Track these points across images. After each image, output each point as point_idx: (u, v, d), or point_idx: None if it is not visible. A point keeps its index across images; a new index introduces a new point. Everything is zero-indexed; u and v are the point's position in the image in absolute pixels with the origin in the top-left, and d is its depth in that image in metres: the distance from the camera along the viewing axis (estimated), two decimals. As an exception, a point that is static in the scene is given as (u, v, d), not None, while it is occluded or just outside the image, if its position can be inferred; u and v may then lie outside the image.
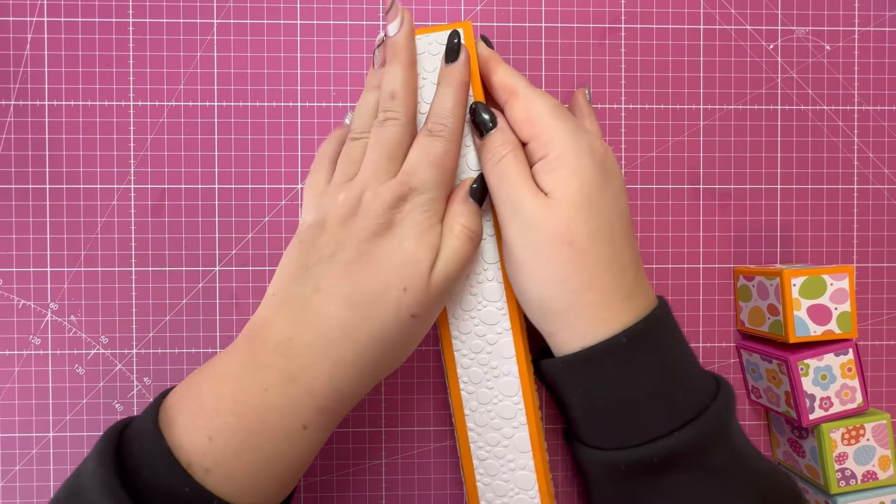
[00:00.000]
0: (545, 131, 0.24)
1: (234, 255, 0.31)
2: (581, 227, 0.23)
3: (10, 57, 0.31)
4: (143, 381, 0.31)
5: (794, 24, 0.32)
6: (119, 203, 0.31)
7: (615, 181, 0.25)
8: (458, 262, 0.24)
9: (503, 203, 0.24)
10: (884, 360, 0.33)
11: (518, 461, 0.27)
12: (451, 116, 0.25)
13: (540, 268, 0.23)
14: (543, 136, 0.24)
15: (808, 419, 0.28)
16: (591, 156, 0.24)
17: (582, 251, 0.23)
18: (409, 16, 0.26)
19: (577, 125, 0.25)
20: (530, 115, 0.25)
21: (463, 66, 0.26)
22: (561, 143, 0.24)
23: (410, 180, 0.23)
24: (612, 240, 0.24)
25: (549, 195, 0.24)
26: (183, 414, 0.21)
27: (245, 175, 0.31)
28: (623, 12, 0.32)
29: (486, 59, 0.27)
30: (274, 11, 0.31)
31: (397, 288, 0.22)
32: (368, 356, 0.22)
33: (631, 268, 0.24)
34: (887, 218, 0.33)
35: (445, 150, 0.24)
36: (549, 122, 0.24)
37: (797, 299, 0.28)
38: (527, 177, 0.24)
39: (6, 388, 0.31)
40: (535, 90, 0.26)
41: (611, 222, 0.24)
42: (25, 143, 0.31)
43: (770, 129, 0.32)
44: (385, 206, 0.23)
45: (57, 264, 0.31)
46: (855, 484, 0.28)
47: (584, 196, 0.23)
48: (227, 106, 0.31)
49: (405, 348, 0.24)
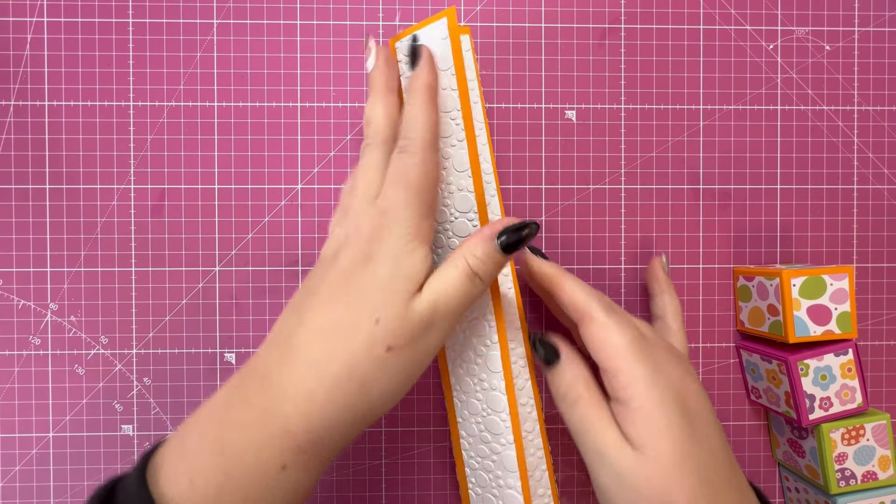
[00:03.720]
0: (623, 372, 0.23)
1: (234, 255, 0.31)
2: (680, 488, 0.22)
3: (10, 57, 0.31)
4: (143, 381, 0.31)
5: (794, 24, 0.32)
6: (119, 203, 0.31)
7: (707, 426, 0.23)
8: (451, 295, 0.22)
9: (588, 450, 0.23)
10: (884, 360, 0.33)
11: (507, 480, 0.26)
12: (416, 127, 0.23)
13: None
14: (622, 378, 0.23)
15: (807, 419, 0.28)
16: (677, 407, 0.22)
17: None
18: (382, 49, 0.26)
19: (657, 367, 0.23)
20: (607, 347, 0.23)
21: (423, 70, 0.24)
22: (643, 392, 0.22)
23: (384, 205, 0.23)
24: (713, 491, 0.22)
25: (638, 449, 0.22)
26: (168, 459, 0.21)
27: (245, 175, 0.31)
28: (623, 12, 0.32)
29: (551, 276, 0.25)
30: (274, 11, 0.31)
31: (369, 320, 0.21)
32: (341, 393, 0.21)
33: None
34: (887, 218, 0.33)
35: (411, 166, 0.23)
36: (628, 360, 0.23)
37: (797, 299, 0.28)
38: (610, 422, 0.23)
39: (6, 388, 0.31)
40: (611, 316, 0.24)
41: (709, 476, 0.22)
42: (25, 143, 0.31)
43: (770, 129, 0.32)
44: (364, 238, 0.22)
45: (57, 264, 0.31)
46: (855, 484, 0.28)
47: (678, 454, 0.22)
48: (227, 106, 0.31)
49: (385, 387, 0.21)
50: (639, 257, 0.32)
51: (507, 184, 0.32)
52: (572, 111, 0.32)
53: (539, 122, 0.32)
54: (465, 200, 0.25)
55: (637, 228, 0.32)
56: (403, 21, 0.32)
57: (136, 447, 0.31)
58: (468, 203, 0.25)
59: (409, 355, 0.22)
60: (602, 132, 0.32)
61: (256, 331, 0.31)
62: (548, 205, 0.32)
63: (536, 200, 0.32)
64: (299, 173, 0.32)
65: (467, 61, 0.26)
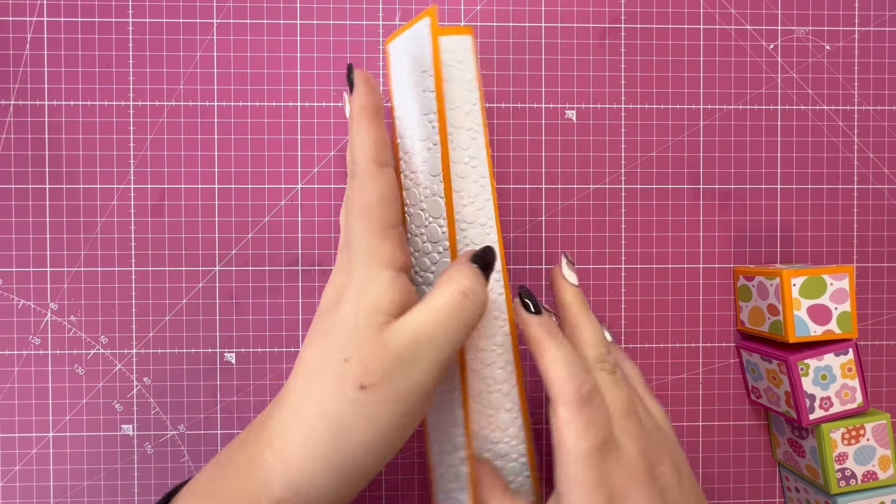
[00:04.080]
0: (568, 483, 0.21)
1: (234, 255, 0.31)
2: None
3: (10, 57, 0.31)
4: (142, 381, 0.31)
5: (794, 24, 0.32)
6: (119, 203, 0.31)
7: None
8: (439, 321, 0.20)
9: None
10: (884, 360, 0.33)
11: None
12: (356, 150, 0.22)
13: None
14: (563, 486, 0.21)
15: (808, 419, 0.28)
16: None
17: None
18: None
19: (610, 498, 0.21)
20: (562, 444, 0.22)
21: (357, 93, 0.23)
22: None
23: (347, 238, 0.22)
24: None
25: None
26: (180, 497, 0.21)
27: (245, 175, 0.31)
28: (623, 12, 0.32)
29: (536, 339, 0.23)
30: (274, 11, 0.31)
31: (338, 360, 0.20)
32: (317, 437, 0.19)
33: None
34: (887, 218, 0.33)
35: (356, 191, 0.22)
36: (577, 474, 0.21)
37: (797, 299, 0.28)
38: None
39: (6, 388, 0.31)
40: (580, 412, 0.21)
41: None
42: (25, 143, 0.31)
43: (770, 129, 0.32)
44: (339, 274, 0.22)
45: (57, 264, 0.31)
46: (855, 484, 0.28)
47: None
48: (227, 106, 0.31)
49: (367, 432, 0.19)
50: (639, 257, 0.32)
51: (507, 184, 0.32)
52: (572, 111, 0.32)
53: (539, 122, 0.32)
54: (436, 205, 0.25)
55: (637, 228, 0.32)
56: (403, 21, 0.32)
57: (136, 447, 0.31)
58: (439, 209, 0.25)
59: (389, 393, 0.19)
60: (602, 132, 0.32)
61: (256, 331, 0.31)
62: (548, 205, 0.32)
63: (536, 200, 0.32)
64: (299, 173, 0.32)
65: (466, 63, 0.26)
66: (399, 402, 0.19)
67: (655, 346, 0.32)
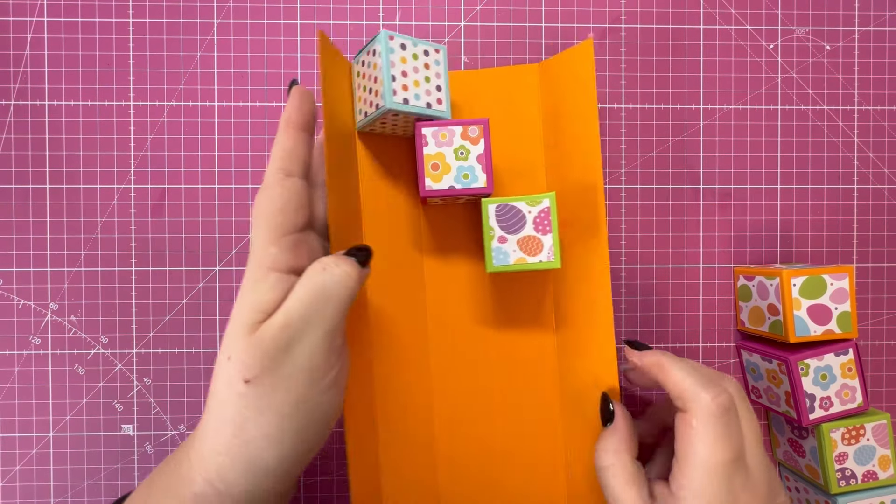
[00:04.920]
0: (692, 490, 0.22)
1: (234, 255, 0.31)
2: None
3: (10, 57, 0.31)
4: (143, 381, 0.31)
5: (794, 24, 0.32)
6: (119, 203, 0.31)
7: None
8: (304, 300, 0.20)
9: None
10: (884, 360, 0.33)
11: None
12: (270, 158, 0.23)
13: None
14: (686, 493, 0.22)
15: (808, 419, 0.28)
16: None
17: None
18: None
19: None
20: (695, 455, 0.22)
21: (288, 106, 0.23)
22: None
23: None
24: None
25: None
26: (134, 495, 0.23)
27: (245, 175, 0.31)
28: (623, 12, 0.32)
29: (655, 363, 0.24)
30: (274, 11, 0.31)
31: (223, 359, 0.20)
32: (223, 434, 0.20)
33: None
34: (887, 218, 0.33)
35: (258, 197, 0.22)
36: (705, 481, 0.22)
37: (797, 299, 0.28)
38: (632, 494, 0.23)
39: (6, 388, 0.31)
40: (718, 422, 0.22)
41: None
42: (25, 143, 0.31)
43: (770, 129, 0.32)
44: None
45: (57, 264, 0.31)
46: (855, 484, 0.28)
47: None
48: (227, 106, 0.31)
49: (258, 427, 0.20)
50: (639, 257, 0.32)
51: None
52: (572, 111, 0.32)
53: (539, 122, 0.32)
54: None
55: (637, 228, 0.32)
56: (403, 21, 0.32)
57: (136, 447, 0.31)
58: None
59: (272, 383, 0.20)
60: (601, 132, 0.32)
61: (256, 331, 0.31)
62: (548, 205, 0.32)
63: (536, 200, 0.32)
64: (299, 173, 0.32)
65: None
66: (282, 391, 0.20)
67: (655, 346, 0.32)
